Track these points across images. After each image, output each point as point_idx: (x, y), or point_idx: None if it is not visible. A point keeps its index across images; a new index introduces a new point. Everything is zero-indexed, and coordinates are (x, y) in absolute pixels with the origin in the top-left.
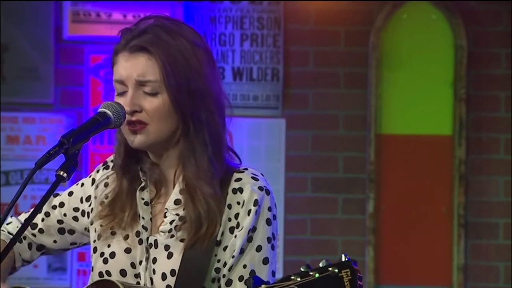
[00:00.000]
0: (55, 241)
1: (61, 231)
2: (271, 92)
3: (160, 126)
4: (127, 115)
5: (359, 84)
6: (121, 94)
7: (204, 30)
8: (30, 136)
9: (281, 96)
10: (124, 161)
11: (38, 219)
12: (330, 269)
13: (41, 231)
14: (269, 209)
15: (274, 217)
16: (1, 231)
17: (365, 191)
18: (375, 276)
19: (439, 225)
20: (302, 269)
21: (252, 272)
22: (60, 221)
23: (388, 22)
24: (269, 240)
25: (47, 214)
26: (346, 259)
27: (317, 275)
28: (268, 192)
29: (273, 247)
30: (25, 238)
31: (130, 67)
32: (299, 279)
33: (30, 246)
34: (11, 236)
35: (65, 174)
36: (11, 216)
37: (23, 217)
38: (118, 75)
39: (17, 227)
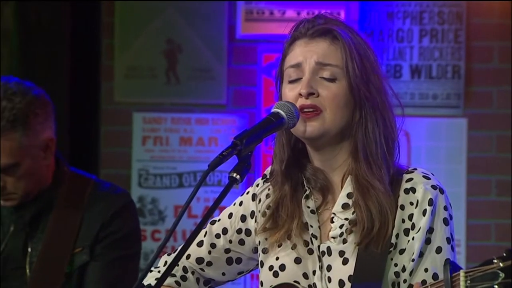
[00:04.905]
0: (223, 274)
1: (229, 261)
2: (452, 90)
3: (336, 114)
4: (300, 99)
5: None
6: (294, 81)
7: (381, 27)
8: (203, 137)
9: (463, 95)
10: (286, 166)
11: (204, 252)
12: None
13: (209, 264)
14: (445, 208)
15: (451, 217)
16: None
17: None
18: None
19: None
20: (504, 254)
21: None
22: (227, 250)
23: None
24: (448, 240)
25: (213, 246)
26: None
27: None
28: (442, 191)
29: (452, 248)
30: (193, 273)
31: (310, 50)
32: (502, 263)
33: (198, 281)
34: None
35: (238, 176)
36: (168, 254)
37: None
38: (295, 60)
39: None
